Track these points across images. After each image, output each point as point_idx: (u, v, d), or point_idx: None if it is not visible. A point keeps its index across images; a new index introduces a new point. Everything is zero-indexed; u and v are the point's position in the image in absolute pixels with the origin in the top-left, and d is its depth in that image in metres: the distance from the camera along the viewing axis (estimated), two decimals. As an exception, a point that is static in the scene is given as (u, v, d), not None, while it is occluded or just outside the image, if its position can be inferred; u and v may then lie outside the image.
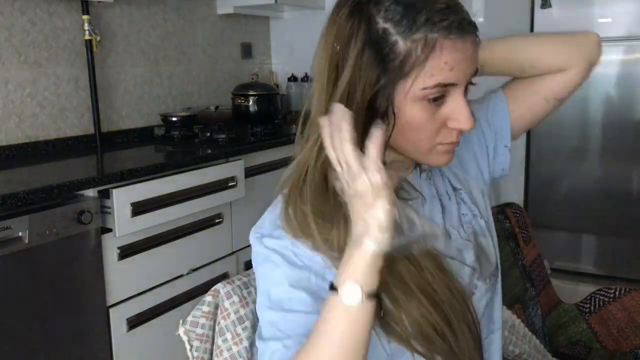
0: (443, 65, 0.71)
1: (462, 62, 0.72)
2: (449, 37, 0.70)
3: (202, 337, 0.94)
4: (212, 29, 3.00)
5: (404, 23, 0.70)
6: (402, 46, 0.71)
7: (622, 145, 2.91)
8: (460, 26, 0.71)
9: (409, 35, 0.70)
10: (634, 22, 2.79)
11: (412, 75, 0.72)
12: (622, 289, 1.63)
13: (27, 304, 1.55)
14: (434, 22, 0.70)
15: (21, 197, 1.51)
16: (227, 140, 2.34)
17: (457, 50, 0.71)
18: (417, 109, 0.73)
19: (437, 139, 0.76)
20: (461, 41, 0.71)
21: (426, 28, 0.70)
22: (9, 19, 2.09)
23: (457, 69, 0.72)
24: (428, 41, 0.70)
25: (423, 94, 0.72)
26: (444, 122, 0.75)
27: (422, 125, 0.75)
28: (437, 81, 0.72)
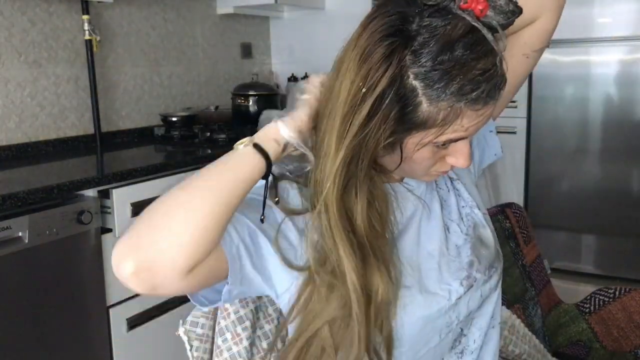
0: (459, 128, 0.71)
1: (479, 123, 0.73)
2: (474, 107, 0.70)
3: (202, 337, 0.94)
4: (212, 29, 3.00)
5: (435, 88, 0.68)
6: (425, 108, 0.70)
7: (622, 145, 2.91)
8: (490, 95, 0.70)
9: (436, 102, 0.69)
10: (634, 22, 2.79)
11: (428, 132, 0.72)
12: (622, 289, 1.63)
13: (27, 304, 1.55)
14: (464, 92, 0.68)
15: (21, 197, 1.51)
16: (227, 140, 2.34)
17: (478, 115, 0.71)
18: (424, 152, 0.75)
19: (432, 169, 0.79)
20: (484, 108, 0.71)
21: (455, 98, 0.68)
22: (9, 19, 2.09)
23: (473, 129, 0.73)
24: (453, 110, 0.69)
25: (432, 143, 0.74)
26: (443, 156, 0.77)
27: (423, 161, 0.77)
28: (449, 138, 0.73)
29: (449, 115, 0.70)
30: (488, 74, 0.69)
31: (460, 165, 0.77)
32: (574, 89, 2.96)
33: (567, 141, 3.02)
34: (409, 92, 0.69)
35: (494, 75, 0.70)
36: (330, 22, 3.19)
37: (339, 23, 3.15)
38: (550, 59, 2.96)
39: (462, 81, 0.68)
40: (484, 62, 0.68)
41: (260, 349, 0.95)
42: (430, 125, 0.71)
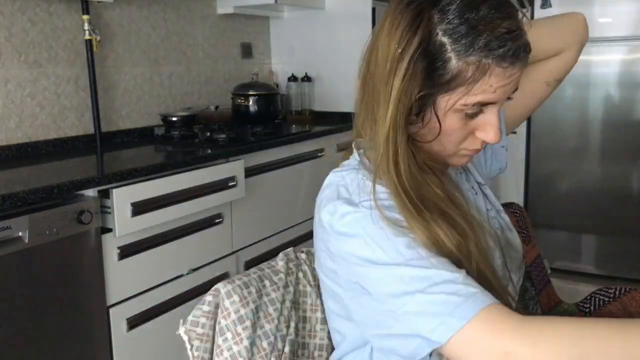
0: (488, 88, 0.73)
1: (507, 85, 0.74)
2: (501, 64, 0.71)
3: (202, 337, 0.94)
4: (212, 29, 3.01)
5: (462, 42, 0.71)
6: (454, 64, 0.72)
7: (622, 145, 2.91)
8: (516, 54, 0.72)
9: (464, 56, 0.71)
10: (634, 22, 2.79)
11: (457, 91, 0.73)
12: (622, 289, 1.63)
13: (27, 304, 1.55)
14: (491, 47, 0.71)
15: (21, 197, 1.51)
16: (227, 140, 2.34)
17: (506, 76, 0.72)
18: (452, 120, 0.76)
19: (463, 144, 0.79)
20: (512, 67, 0.72)
21: (482, 53, 0.71)
22: (9, 18, 2.09)
23: (500, 91, 0.74)
24: (481, 66, 0.71)
25: (462, 108, 0.75)
26: (473, 130, 0.78)
27: (454, 132, 0.77)
28: (478, 100, 0.74)
29: (477, 71, 0.71)
30: (514, 33, 0.72)
31: (490, 139, 0.77)
32: (574, 89, 2.96)
33: (567, 141, 3.02)
34: (439, 47, 0.72)
35: (519, 36, 0.72)
36: (330, 22, 3.19)
37: (339, 23, 3.15)
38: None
39: (489, 37, 0.70)
40: (509, 23, 0.72)
41: (261, 349, 0.95)
42: (460, 83, 0.72)
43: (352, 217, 0.76)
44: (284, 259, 1.07)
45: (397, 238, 0.73)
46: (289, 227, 2.56)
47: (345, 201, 0.78)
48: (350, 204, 0.77)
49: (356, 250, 0.75)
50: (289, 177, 2.53)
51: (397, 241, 0.73)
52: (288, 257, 1.08)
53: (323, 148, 2.72)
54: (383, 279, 0.72)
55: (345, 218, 0.76)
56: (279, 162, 2.46)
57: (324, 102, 3.27)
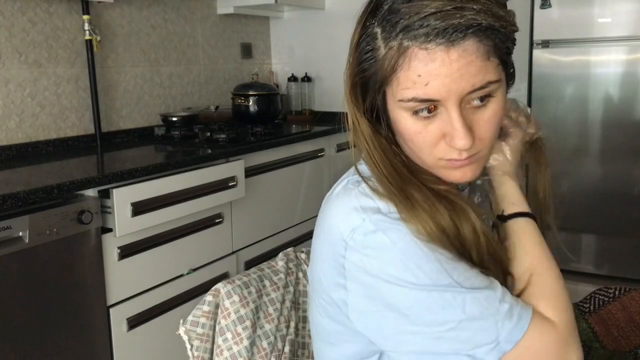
0: (416, 79, 0.67)
1: (443, 75, 0.65)
2: (425, 45, 0.65)
3: (202, 337, 0.94)
4: (212, 29, 3.01)
5: (388, 29, 0.68)
6: (382, 52, 0.70)
7: (622, 145, 2.91)
8: (445, 33, 0.64)
9: (388, 42, 0.68)
10: (634, 22, 2.79)
11: (389, 83, 0.70)
12: (622, 289, 1.63)
13: (27, 304, 1.55)
14: (412, 28, 0.65)
15: (21, 197, 1.51)
16: (227, 140, 2.34)
17: (435, 61, 0.65)
18: (404, 119, 0.72)
19: (436, 153, 0.73)
20: (444, 51, 0.65)
21: (402, 35, 0.66)
22: (9, 19, 2.09)
23: (436, 83, 0.66)
24: (401, 49, 0.67)
25: (404, 106, 0.70)
26: (440, 136, 0.71)
27: (413, 137, 0.72)
28: (412, 95, 0.68)
29: (397, 55, 0.67)
30: (443, 13, 0.64)
31: (454, 144, 0.69)
32: (574, 89, 2.96)
33: (567, 141, 3.02)
34: (372, 37, 0.71)
35: (452, 15, 0.64)
36: (330, 22, 3.19)
37: (339, 23, 3.15)
38: (550, 59, 2.96)
39: (411, 19, 0.66)
40: (442, 3, 0.64)
41: (261, 349, 0.96)
42: (388, 72, 0.69)
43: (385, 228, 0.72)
44: (284, 259, 1.07)
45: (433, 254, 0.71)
46: (289, 227, 2.56)
47: (373, 212, 0.73)
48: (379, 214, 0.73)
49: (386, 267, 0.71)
50: (289, 177, 2.53)
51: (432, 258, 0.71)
52: (288, 257, 1.08)
53: (323, 148, 2.72)
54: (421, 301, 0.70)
55: (376, 233, 0.72)
56: (279, 162, 2.46)
57: (324, 102, 3.27)
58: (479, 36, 0.66)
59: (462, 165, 0.73)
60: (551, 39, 2.93)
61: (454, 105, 0.68)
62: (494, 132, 0.74)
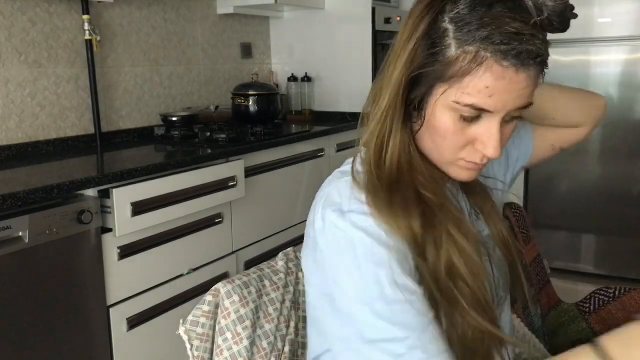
0: (483, 89, 0.70)
1: (507, 93, 0.70)
2: (501, 62, 0.68)
3: (202, 337, 0.94)
4: (212, 29, 3.01)
5: (465, 31, 0.70)
6: (452, 51, 0.71)
7: (622, 145, 2.91)
8: (519, 57, 0.68)
9: (463, 45, 0.70)
10: (634, 22, 2.79)
11: (450, 83, 0.71)
12: (622, 289, 1.63)
13: (27, 304, 1.55)
14: (493, 41, 0.68)
15: (21, 197, 1.51)
16: (227, 140, 2.34)
17: (505, 79, 0.69)
18: (447, 118, 0.73)
19: (461, 153, 0.76)
20: (514, 71, 0.69)
21: (482, 44, 0.68)
22: (9, 18, 2.09)
23: (498, 97, 0.70)
24: (477, 57, 0.69)
25: (454, 107, 0.72)
26: (471, 140, 0.74)
27: (448, 135, 0.74)
28: (471, 102, 0.71)
29: (473, 61, 0.69)
30: (522, 37, 0.68)
31: (487, 152, 0.73)
32: (574, 89, 2.96)
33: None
34: (442, 33, 0.71)
35: (528, 42, 0.68)
36: (330, 22, 3.19)
37: (339, 23, 3.15)
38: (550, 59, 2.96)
39: (493, 31, 0.68)
40: (521, 25, 0.68)
41: (261, 349, 0.96)
42: (455, 72, 0.70)
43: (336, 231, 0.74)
44: (284, 259, 1.07)
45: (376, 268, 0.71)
46: (289, 227, 2.56)
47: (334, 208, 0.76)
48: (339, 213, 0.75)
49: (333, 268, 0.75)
50: (289, 177, 2.53)
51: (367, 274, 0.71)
52: (288, 257, 1.08)
53: (323, 148, 2.72)
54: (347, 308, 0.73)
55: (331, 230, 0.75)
56: (279, 162, 2.46)
57: (324, 102, 3.27)
58: (541, 66, 0.72)
59: (476, 168, 0.78)
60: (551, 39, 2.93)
61: (499, 118, 0.72)
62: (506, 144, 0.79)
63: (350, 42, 3.12)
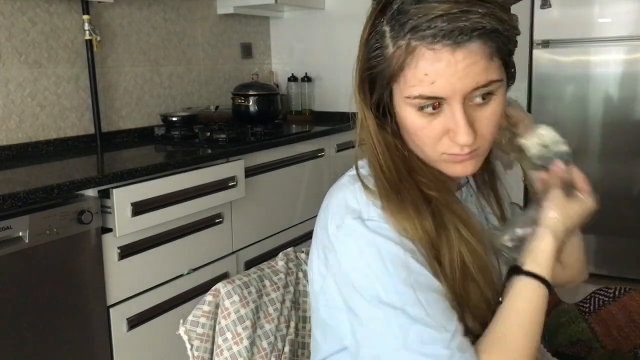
0: (423, 77, 0.70)
1: (449, 75, 0.69)
2: (431, 46, 0.69)
3: (202, 337, 0.94)
4: (212, 29, 3.01)
5: (396, 28, 0.71)
6: (390, 50, 0.73)
7: (622, 145, 2.91)
8: (451, 35, 0.67)
9: (396, 41, 0.72)
10: (634, 22, 2.79)
11: (396, 80, 0.73)
12: (622, 289, 1.63)
13: (27, 304, 1.55)
14: (420, 29, 0.69)
15: (21, 197, 1.51)
16: (227, 140, 2.34)
17: (441, 60, 0.69)
18: (410, 115, 0.74)
19: (439, 148, 0.76)
20: (449, 52, 0.68)
21: (411, 35, 0.70)
22: (9, 18, 2.09)
23: (442, 82, 0.70)
24: (409, 48, 0.70)
25: (408, 102, 0.73)
26: (444, 131, 0.74)
27: (418, 132, 0.75)
28: (418, 93, 0.71)
29: (406, 54, 0.71)
30: (450, 15, 0.68)
31: (458, 140, 0.72)
32: (574, 89, 2.96)
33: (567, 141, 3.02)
34: (381, 35, 0.74)
35: (459, 19, 0.67)
36: (330, 22, 3.19)
37: (339, 23, 3.15)
38: (550, 59, 2.96)
39: (419, 19, 0.69)
40: (449, 6, 0.68)
41: (261, 349, 0.96)
42: (396, 69, 0.72)
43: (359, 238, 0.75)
44: (284, 259, 1.07)
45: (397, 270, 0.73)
46: (289, 227, 2.56)
47: (354, 215, 0.76)
48: (360, 220, 0.76)
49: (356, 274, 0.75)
50: (289, 177, 2.53)
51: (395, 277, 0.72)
52: (288, 257, 1.08)
53: (323, 148, 2.72)
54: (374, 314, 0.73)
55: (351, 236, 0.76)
56: (279, 162, 2.46)
57: (324, 102, 3.27)
58: (483, 38, 0.69)
59: (464, 159, 0.76)
60: (551, 39, 2.93)
61: (457, 102, 0.71)
62: (494, 128, 0.76)
63: (350, 42, 3.10)
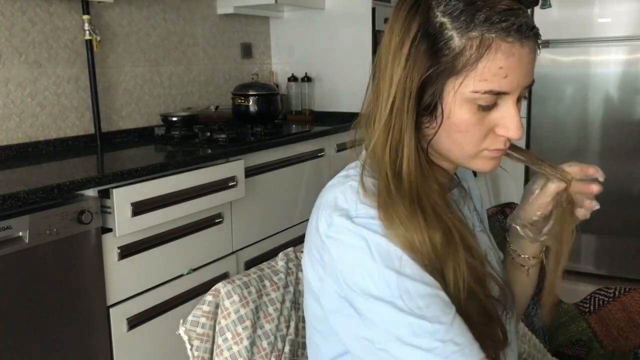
0: (497, 71, 0.69)
1: (518, 69, 0.70)
2: (506, 39, 0.69)
3: (202, 337, 0.94)
4: (212, 29, 3.01)
5: (462, 19, 0.69)
6: (457, 42, 0.70)
7: (622, 145, 2.91)
8: (520, 30, 0.69)
9: (466, 32, 0.69)
10: (634, 22, 2.79)
11: (464, 74, 0.70)
12: (622, 289, 1.63)
13: (27, 304, 1.55)
14: (492, 21, 0.68)
15: (21, 197, 1.51)
16: (227, 140, 2.34)
17: (514, 55, 0.69)
18: (466, 111, 0.72)
19: (483, 144, 0.75)
20: (519, 45, 0.69)
21: (484, 27, 0.69)
22: (9, 19, 2.09)
23: (512, 76, 0.70)
24: (484, 40, 0.69)
25: (473, 97, 0.71)
26: (492, 127, 0.74)
27: (469, 128, 0.73)
28: (489, 88, 0.70)
29: (481, 46, 0.69)
30: (515, 11, 0.69)
31: (511, 134, 0.73)
32: (574, 89, 2.97)
33: (567, 141, 3.02)
34: (439, 28, 0.71)
35: (520, 13, 0.70)
36: (330, 22, 3.19)
37: (339, 23, 3.15)
38: (550, 59, 2.96)
39: (489, 12, 0.69)
40: (509, 2, 0.70)
41: (261, 349, 0.96)
42: (465, 62, 0.70)
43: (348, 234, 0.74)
44: (284, 259, 1.07)
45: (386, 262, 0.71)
46: (289, 227, 2.56)
47: (342, 213, 0.75)
48: (347, 218, 0.74)
49: (347, 270, 0.73)
50: (289, 177, 2.53)
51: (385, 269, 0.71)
52: (288, 257, 1.08)
53: (323, 148, 2.72)
54: (368, 309, 0.72)
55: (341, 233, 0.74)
56: (279, 162, 2.46)
57: (324, 102, 3.27)
58: (538, 36, 0.72)
59: (500, 155, 0.77)
60: (551, 39, 2.93)
61: (515, 99, 0.73)
62: None
63: (350, 42, 3.12)
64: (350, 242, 0.73)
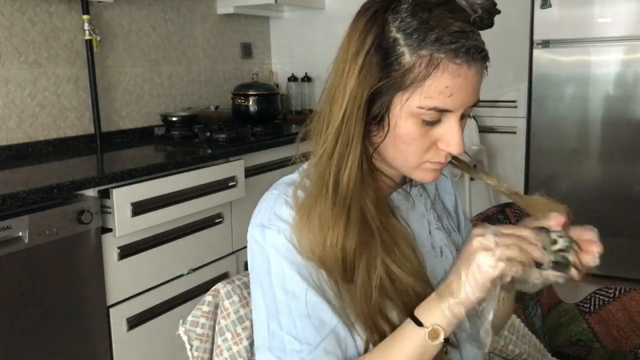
0: (443, 89, 0.72)
1: (463, 89, 0.73)
2: (454, 60, 0.71)
3: (202, 337, 0.94)
4: (212, 29, 3.01)
5: (415, 37, 0.72)
6: (407, 58, 0.72)
7: (622, 145, 2.91)
8: (469, 52, 0.71)
9: (416, 50, 0.72)
10: (633, 22, 2.79)
11: (411, 89, 0.73)
12: (622, 289, 1.63)
13: (27, 304, 1.55)
14: (443, 42, 0.71)
15: (21, 197, 1.51)
16: (227, 140, 2.34)
17: (460, 75, 0.72)
18: (410, 124, 0.75)
19: (425, 156, 0.78)
20: (467, 66, 0.72)
21: (434, 47, 0.71)
22: (9, 18, 2.09)
23: (457, 95, 0.73)
24: (433, 59, 0.71)
25: (418, 112, 0.74)
26: (435, 141, 0.77)
27: (413, 141, 0.76)
28: (434, 105, 0.73)
29: (429, 65, 0.71)
30: (466, 34, 0.71)
31: (452, 149, 0.76)
32: (574, 89, 2.96)
33: (567, 141, 3.02)
34: (392, 43, 0.73)
35: (472, 37, 0.72)
36: (330, 22, 3.19)
37: (339, 23, 3.13)
38: (550, 59, 2.96)
39: (440, 32, 0.71)
40: (462, 24, 0.71)
41: (260, 349, 0.95)
42: (413, 79, 0.72)
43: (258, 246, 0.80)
44: (283, 259, 1.07)
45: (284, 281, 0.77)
46: (289, 227, 2.55)
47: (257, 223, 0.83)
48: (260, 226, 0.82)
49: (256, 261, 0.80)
50: (289, 177, 2.53)
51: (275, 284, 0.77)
52: (288, 257, 1.08)
53: (323, 148, 2.71)
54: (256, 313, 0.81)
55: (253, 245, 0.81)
56: (279, 162, 2.46)
57: (324, 102, 3.26)
58: (485, 60, 0.75)
59: (441, 167, 0.80)
60: (551, 39, 2.93)
61: (458, 116, 0.75)
62: None
63: (350, 42, 3.12)
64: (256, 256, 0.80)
